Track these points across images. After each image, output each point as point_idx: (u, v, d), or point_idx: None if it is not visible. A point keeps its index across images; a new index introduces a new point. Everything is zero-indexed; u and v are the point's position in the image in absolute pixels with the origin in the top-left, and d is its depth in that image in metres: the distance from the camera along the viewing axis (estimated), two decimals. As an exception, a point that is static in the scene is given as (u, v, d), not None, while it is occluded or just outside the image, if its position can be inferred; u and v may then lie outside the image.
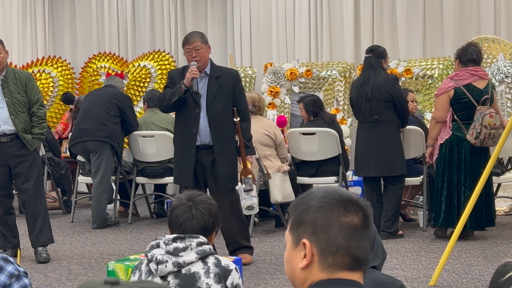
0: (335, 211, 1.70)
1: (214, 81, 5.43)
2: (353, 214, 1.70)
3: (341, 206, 1.70)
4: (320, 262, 1.69)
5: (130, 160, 7.97)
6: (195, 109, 5.38)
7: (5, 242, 5.86)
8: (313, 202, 1.72)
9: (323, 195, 1.73)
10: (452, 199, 6.18)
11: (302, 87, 8.78)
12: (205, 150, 5.43)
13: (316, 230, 1.70)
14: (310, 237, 1.70)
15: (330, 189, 1.76)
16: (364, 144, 6.56)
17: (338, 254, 1.69)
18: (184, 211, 2.79)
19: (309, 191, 1.77)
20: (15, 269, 2.26)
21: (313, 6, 9.18)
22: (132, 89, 9.54)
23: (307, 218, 1.71)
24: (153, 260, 2.71)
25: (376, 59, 6.52)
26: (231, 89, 5.45)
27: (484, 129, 5.97)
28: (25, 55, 10.37)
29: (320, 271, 1.70)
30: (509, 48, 8.03)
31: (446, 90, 6.17)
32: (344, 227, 1.68)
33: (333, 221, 1.69)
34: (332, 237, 1.68)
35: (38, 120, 5.76)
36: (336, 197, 1.72)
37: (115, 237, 6.87)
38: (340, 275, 1.70)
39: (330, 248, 1.69)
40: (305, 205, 1.73)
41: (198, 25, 9.87)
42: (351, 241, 1.69)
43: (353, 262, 1.70)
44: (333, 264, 1.69)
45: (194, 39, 5.41)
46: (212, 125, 5.39)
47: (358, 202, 1.73)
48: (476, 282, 4.91)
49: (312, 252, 1.69)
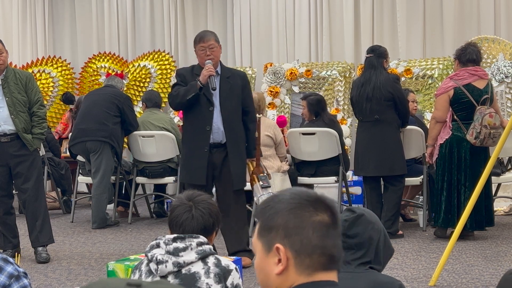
0: (306, 211, 1.67)
1: (225, 80, 5.43)
2: (323, 213, 1.68)
3: (311, 205, 1.68)
4: (297, 265, 1.66)
5: (130, 160, 7.97)
6: (208, 107, 5.37)
7: (5, 242, 5.86)
8: (282, 205, 1.69)
9: (291, 197, 1.70)
10: (452, 199, 6.18)
11: (302, 87, 8.78)
12: (217, 148, 5.42)
13: (289, 233, 1.66)
14: (283, 240, 1.66)
15: (296, 190, 1.73)
16: (364, 143, 6.56)
17: (315, 255, 1.66)
18: (184, 211, 2.79)
19: (273, 195, 1.74)
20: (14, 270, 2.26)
21: (313, 6, 9.18)
22: (132, 89, 9.54)
23: (277, 222, 1.67)
24: (153, 260, 2.71)
25: (377, 59, 6.52)
26: (241, 90, 5.46)
27: (484, 129, 5.97)
28: (25, 55, 10.36)
29: (298, 275, 1.66)
30: (509, 48, 8.03)
31: (446, 90, 6.17)
32: (317, 226, 1.66)
33: (305, 221, 1.66)
34: (306, 238, 1.66)
35: (38, 120, 5.76)
36: (304, 197, 1.69)
37: (115, 237, 6.86)
38: (319, 276, 1.67)
39: (305, 250, 1.66)
40: (273, 209, 1.69)
41: (198, 25, 9.87)
42: (325, 239, 1.67)
43: (328, 261, 1.68)
44: (310, 266, 1.66)
45: (209, 37, 5.40)
46: (225, 123, 5.38)
47: (325, 201, 1.71)
48: (476, 282, 4.91)
49: (287, 256, 1.66)
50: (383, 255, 2.75)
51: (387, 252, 2.78)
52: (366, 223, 2.72)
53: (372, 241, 2.70)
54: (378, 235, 2.72)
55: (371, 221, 2.73)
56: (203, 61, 5.37)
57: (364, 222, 2.72)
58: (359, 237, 2.70)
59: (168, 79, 9.56)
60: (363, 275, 2.69)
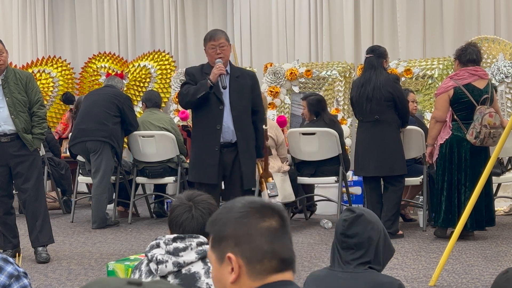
0: (253, 219, 1.72)
1: (235, 80, 5.42)
2: (270, 219, 1.73)
3: (257, 213, 1.73)
4: (249, 272, 1.71)
5: (130, 160, 7.97)
6: (218, 106, 5.35)
7: (5, 242, 5.86)
8: (230, 215, 1.75)
9: (238, 206, 1.75)
10: (453, 199, 6.18)
11: (302, 87, 8.78)
12: (227, 148, 5.40)
13: (238, 241, 1.71)
14: (234, 249, 1.72)
15: (243, 199, 1.78)
16: (364, 144, 6.56)
17: (265, 260, 1.71)
18: (184, 211, 2.79)
19: (222, 206, 1.80)
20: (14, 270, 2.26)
21: (313, 6, 9.18)
22: (132, 89, 9.54)
23: (227, 232, 1.73)
24: (153, 260, 2.71)
25: (377, 59, 6.52)
26: (250, 90, 5.45)
27: (484, 129, 5.97)
28: (25, 55, 10.37)
29: (251, 281, 1.71)
30: (509, 48, 8.03)
31: (446, 90, 6.17)
32: (265, 232, 1.71)
33: (253, 228, 1.71)
34: (256, 245, 1.71)
35: (39, 120, 5.76)
36: (250, 206, 1.75)
37: (115, 237, 6.86)
38: (272, 278, 1.72)
39: (256, 256, 1.71)
40: (222, 220, 1.75)
41: (198, 25, 9.88)
42: (274, 244, 1.72)
43: (280, 264, 1.73)
44: (262, 271, 1.71)
45: (219, 36, 5.40)
46: (236, 123, 5.37)
47: (272, 207, 1.76)
48: (476, 282, 4.91)
49: (239, 264, 1.71)
50: (383, 255, 2.75)
51: (387, 252, 2.78)
52: (365, 223, 2.72)
53: (372, 241, 2.70)
54: (378, 235, 2.72)
55: (370, 221, 2.73)
56: (213, 59, 5.35)
57: (363, 222, 2.72)
58: (358, 237, 2.70)
59: (168, 79, 9.57)
60: (363, 275, 2.69)
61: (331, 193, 7.49)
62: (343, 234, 2.73)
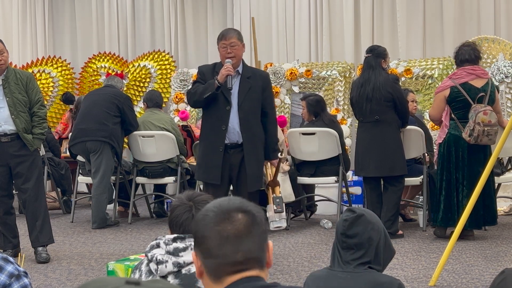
0: (210, 222, 1.77)
1: (245, 80, 5.38)
2: (225, 223, 1.76)
3: (216, 216, 1.77)
4: (208, 273, 1.77)
5: (130, 160, 7.97)
6: (225, 106, 5.33)
7: (5, 242, 5.86)
8: (198, 216, 1.83)
9: (206, 208, 1.82)
10: (451, 198, 6.18)
11: (302, 87, 8.78)
12: (234, 149, 5.38)
13: (197, 242, 1.79)
14: (196, 249, 1.80)
15: (216, 201, 1.83)
16: (364, 144, 6.56)
17: (217, 263, 1.75)
18: (184, 211, 2.79)
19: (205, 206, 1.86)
20: (15, 269, 2.27)
21: (313, 6, 9.18)
22: (132, 89, 9.55)
23: (194, 231, 1.82)
24: (153, 260, 2.71)
25: (375, 59, 6.52)
26: (261, 91, 5.40)
27: (478, 126, 5.97)
28: (25, 55, 10.37)
29: (212, 282, 1.77)
30: (509, 48, 8.03)
31: (443, 89, 6.20)
32: (216, 236, 1.75)
33: (207, 231, 1.77)
34: (209, 247, 1.76)
35: (39, 120, 5.76)
36: (213, 208, 1.80)
37: (115, 237, 6.86)
38: (229, 280, 1.75)
39: (208, 258, 1.76)
40: (195, 219, 1.84)
41: (198, 25, 9.88)
42: (223, 249, 1.75)
43: (234, 267, 1.75)
44: (218, 273, 1.76)
45: (231, 35, 5.36)
46: (242, 124, 5.33)
47: (237, 208, 1.79)
48: (476, 282, 4.91)
49: (200, 263, 1.78)
50: (383, 256, 2.75)
51: (387, 253, 2.77)
52: (366, 223, 2.72)
53: (372, 241, 2.70)
54: (378, 236, 2.71)
55: (371, 222, 2.73)
56: (224, 59, 5.33)
57: (364, 222, 2.72)
58: (358, 237, 2.70)
59: (168, 79, 9.57)
60: (362, 274, 2.69)
61: (331, 193, 7.49)
62: (343, 234, 2.73)
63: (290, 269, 5.39)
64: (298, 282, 4.92)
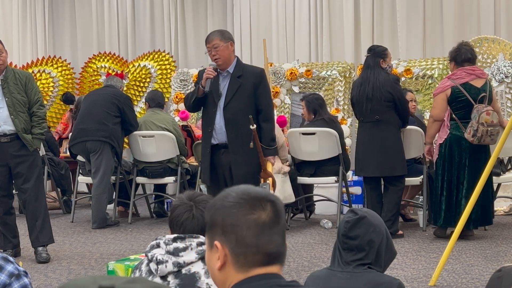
0: (242, 210, 1.71)
1: (235, 80, 5.38)
2: (259, 211, 1.71)
3: (247, 204, 1.71)
4: (233, 262, 1.72)
5: (130, 160, 7.97)
6: (212, 108, 5.38)
7: (5, 242, 5.86)
8: (222, 203, 1.74)
9: (232, 195, 1.74)
10: (452, 199, 6.18)
11: (302, 87, 8.78)
12: (224, 149, 5.41)
13: (225, 231, 1.71)
14: (221, 237, 1.72)
15: (239, 188, 1.77)
16: (364, 144, 6.56)
17: (249, 253, 1.71)
18: (184, 211, 2.79)
19: (221, 193, 1.79)
20: (15, 269, 2.27)
21: (313, 6, 9.18)
22: (132, 89, 9.55)
23: (217, 220, 1.73)
24: (153, 260, 2.71)
25: (374, 59, 6.52)
26: (252, 88, 5.38)
27: (481, 127, 5.97)
28: (25, 55, 10.37)
29: (236, 272, 1.72)
30: (509, 48, 8.03)
31: (443, 89, 6.19)
32: (252, 225, 1.70)
33: (240, 219, 1.70)
34: (240, 236, 1.70)
35: (38, 120, 5.76)
36: (242, 196, 1.73)
37: (115, 237, 6.87)
38: (255, 271, 1.72)
39: (240, 248, 1.71)
40: (215, 207, 1.76)
41: (198, 25, 9.88)
42: (260, 238, 1.71)
43: (265, 258, 1.72)
44: (246, 263, 1.71)
45: (212, 37, 5.38)
46: (228, 125, 5.35)
47: (266, 198, 1.74)
48: (476, 282, 4.91)
49: (225, 252, 1.72)
50: (384, 258, 2.74)
51: (388, 255, 2.77)
52: (367, 225, 2.71)
53: (373, 244, 2.69)
54: (379, 238, 2.71)
55: (373, 224, 2.72)
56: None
57: (365, 224, 2.71)
58: (359, 239, 2.69)
59: (168, 79, 9.57)
60: (362, 274, 2.68)
61: (331, 193, 7.49)
62: (344, 236, 2.73)
63: (290, 269, 5.39)
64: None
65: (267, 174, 5.50)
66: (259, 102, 5.42)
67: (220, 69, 5.37)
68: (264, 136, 5.44)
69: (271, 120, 5.53)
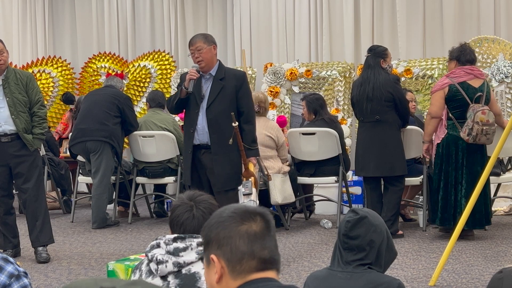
0: (233, 222, 1.87)
1: (217, 82, 5.43)
2: (250, 222, 1.88)
3: (238, 216, 1.88)
4: (231, 272, 1.85)
5: (130, 160, 7.97)
6: (195, 110, 5.43)
7: (5, 242, 5.87)
8: (214, 220, 1.91)
9: (223, 212, 1.92)
10: (449, 198, 6.18)
11: (302, 87, 8.78)
12: (205, 149, 5.45)
13: (220, 244, 1.87)
14: (217, 251, 1.87)
15: (231, 207, 1.94)
16: (364, 144, 6.56)
17: (244, 260, 1.85)
18: (185, 211, 2.79)
19: (215, 212, 1.96)
20: (15, 269, 2.27)
21: (313, 6, 9.18)
22: (132, 89, 9.54)
23: (211, 236, 1.90)
24: (154, 260, 2.71)
25: (374, 59, 6.52)
26: (234, 91, 5.42)
27: (476, 125, 5.98)
28: (25, 55, 10.37)
29: (233, 280, 1.86)
30: (509, 48, 8.03)
31: (441, 87, 6.20)
32: (244, 234, 1.86)
33: (233, 231, 1.86)
34: (235, 246, 1.85)
35: (39, 120, 5.76)
36: (232, 211, 1.91)
37: (115, 237, 6.87)
38: (252, 276, 1.86)
39: (235, 257, 1.85)
40: (209, 225, 1.93)
41: (198, 25, 9.88)
42: (253, 245, 1.86)
43: (260, 264, 1.87)
44: (242, 271, 1.85)
45: (195, 39, 5.44)
46: (210, 126, 5.39)
47: (255, 211, 1.92)
48: (476, 282, 4.91)
49: (221, 265, 1.86)
50: (384, 258, 2.74)
51: (389, 255, 2.77)
52: (368, 225, 2.71)
53: (374, 244, 2.69)
54: (380, 238, 2.71)
55: (373, 224, 2.72)
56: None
57: (366, 224, 2.71)
58: (360, 239, 2.69)
59: (168, 79, 9.57)
60: (362, 274, 2.68)
61: (331, 193, 7.50)
62: (345, 236, 2.73)
63: (290, 269, 5.40)
64: (298, 282, 4.92)
65: (249, 174, 5.51)
66: (240, 104, 5.46)
67: (202, 72, 5.42)
68: (246, 137, 5.46)
69: (253, 122, 5.57)
